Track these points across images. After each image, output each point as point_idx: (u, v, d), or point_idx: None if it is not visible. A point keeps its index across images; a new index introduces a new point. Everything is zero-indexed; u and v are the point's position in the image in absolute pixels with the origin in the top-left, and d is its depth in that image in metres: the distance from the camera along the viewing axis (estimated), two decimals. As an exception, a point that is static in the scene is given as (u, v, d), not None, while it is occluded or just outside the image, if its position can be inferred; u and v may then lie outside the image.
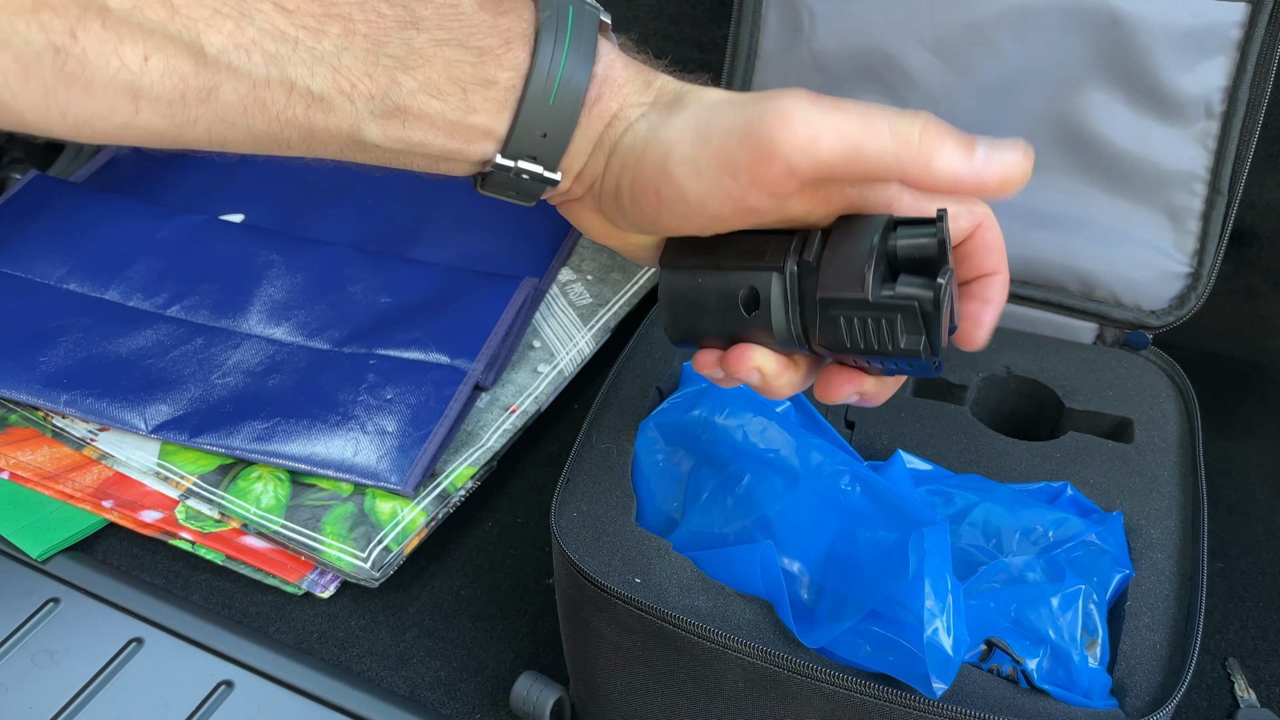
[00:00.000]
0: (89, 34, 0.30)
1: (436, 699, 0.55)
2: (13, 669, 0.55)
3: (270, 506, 0.61)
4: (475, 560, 0.63)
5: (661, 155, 0.36)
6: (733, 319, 0.38)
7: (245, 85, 0.32)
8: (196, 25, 0.31)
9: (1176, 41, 0.55)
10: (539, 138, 0.36)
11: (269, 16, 0.32)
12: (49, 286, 0.73)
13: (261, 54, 0.32)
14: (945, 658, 0.38)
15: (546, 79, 0.35)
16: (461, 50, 0.34)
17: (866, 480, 0.45)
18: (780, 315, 0.37)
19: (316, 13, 0.32)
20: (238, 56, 0.32)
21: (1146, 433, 0.53)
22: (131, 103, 0.32)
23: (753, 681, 0.42)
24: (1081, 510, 0.49)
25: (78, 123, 0.32)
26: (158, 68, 0.31)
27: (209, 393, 0.66)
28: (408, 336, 0.69)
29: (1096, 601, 0.44)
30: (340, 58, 0.33)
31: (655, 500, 0.50)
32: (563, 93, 0.35)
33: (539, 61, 0.35)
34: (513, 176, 0.37)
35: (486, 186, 0.39)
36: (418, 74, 0.34)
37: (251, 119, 0.33)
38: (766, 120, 0.34)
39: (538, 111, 0.35)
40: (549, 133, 0.36)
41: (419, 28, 0.34)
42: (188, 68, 0.31)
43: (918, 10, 0.58)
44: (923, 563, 0.39)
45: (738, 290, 0.37)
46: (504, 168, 0.37)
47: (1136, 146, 0.57)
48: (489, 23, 0.35)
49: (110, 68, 0.31)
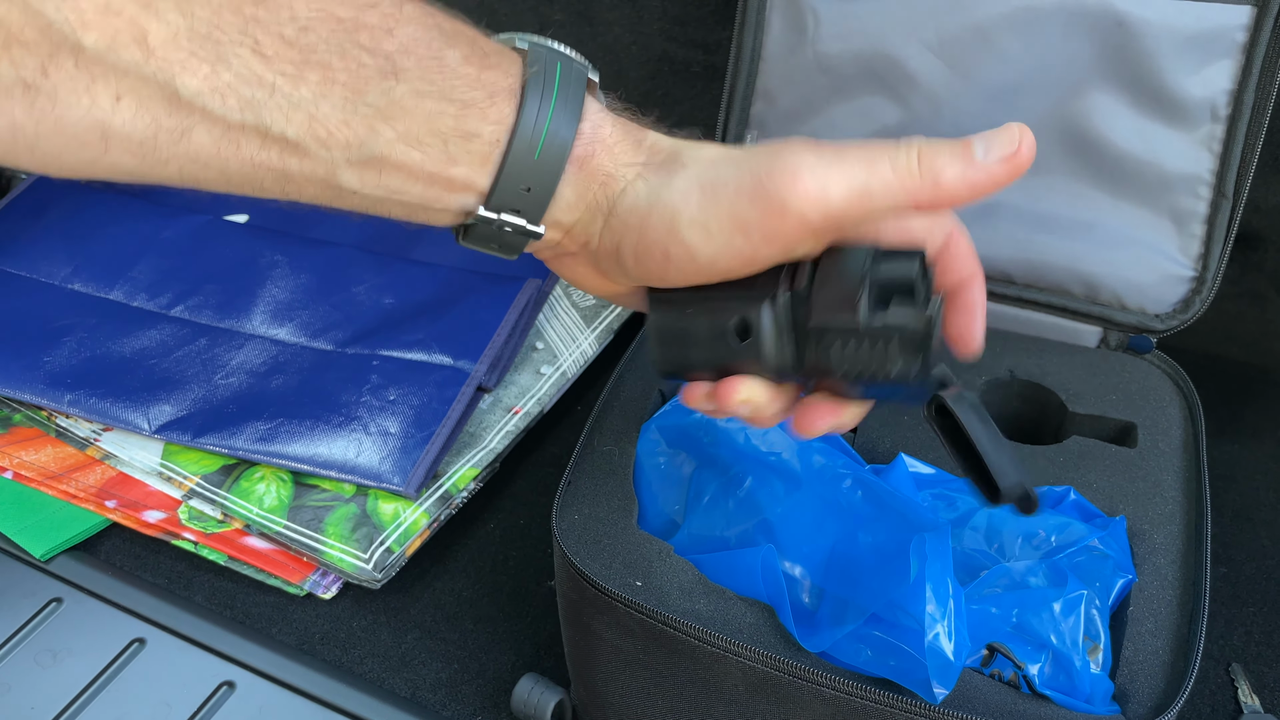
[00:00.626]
0: (61, 72, 0.30)
1: (438, 700, 0.55)
2: (15, 668, 0.55)
3: (273, 507, 0.61)
4: (477, 562, 0.63)
5: (668, 219, 0.35)
6: (724, 350, 0.38)
7: (219, 129, 0.32)
8: (172, 67, 0.30)
9: (1181, 44, 0.55)
10: (523, 192, 0.35)
11: (246, 61, 0.31)
12: (54, 286, 0.73)
13: (237, 98, 0.31)
14: (946, 662, 0.38)
15: (532, 134, 0.35)
16: (444, 102, 0.34)
17: (868, 484, 0.44)
18: (771, 343, 0.37)
19: (295, 59, 0.32)
20: (212, 100, 0.31)
21: (1150, 437, 0.53)
22: (101, 141, 0.31)
23: (753, 685, 0.42)
24: (1084, 515, 0.49)
25: (45, 158, 0.31)
26: (130, 108, 0.31)
27: (212, 393, 0.66)
28: (411, 337, 0.69)
29: (1099, 607, 0.44)
30: (318, 105, 0.32)
31: (657, 503, 0.50)
32: (548, 148, 0.35)
33: (524, 116, 0.35)
34: (495, 229, 0.37)
35: (468, 238, 0.38)
36: (397, 124, 0.33)
37: (225, 162, 0.33)
38: (775, 178, 0.34)
39: (522, 166, 0.35)
40: (533, 187, 0.35)
41: (400, 78, 0.33)
42: (161, 109, 0.31)
43: (922, 13, 0.58)
44: (924, 567, 0.39)
45: (729, 320, 0.37)
46: (486, 220, 0.36)
47: (1141, 149, 0.57)
48: (474, 76, 0.34)
49: (81, 106, 0.30)
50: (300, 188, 0.34)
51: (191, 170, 0.33)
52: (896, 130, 0.61)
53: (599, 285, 0.41)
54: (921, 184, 0.34)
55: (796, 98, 0.64)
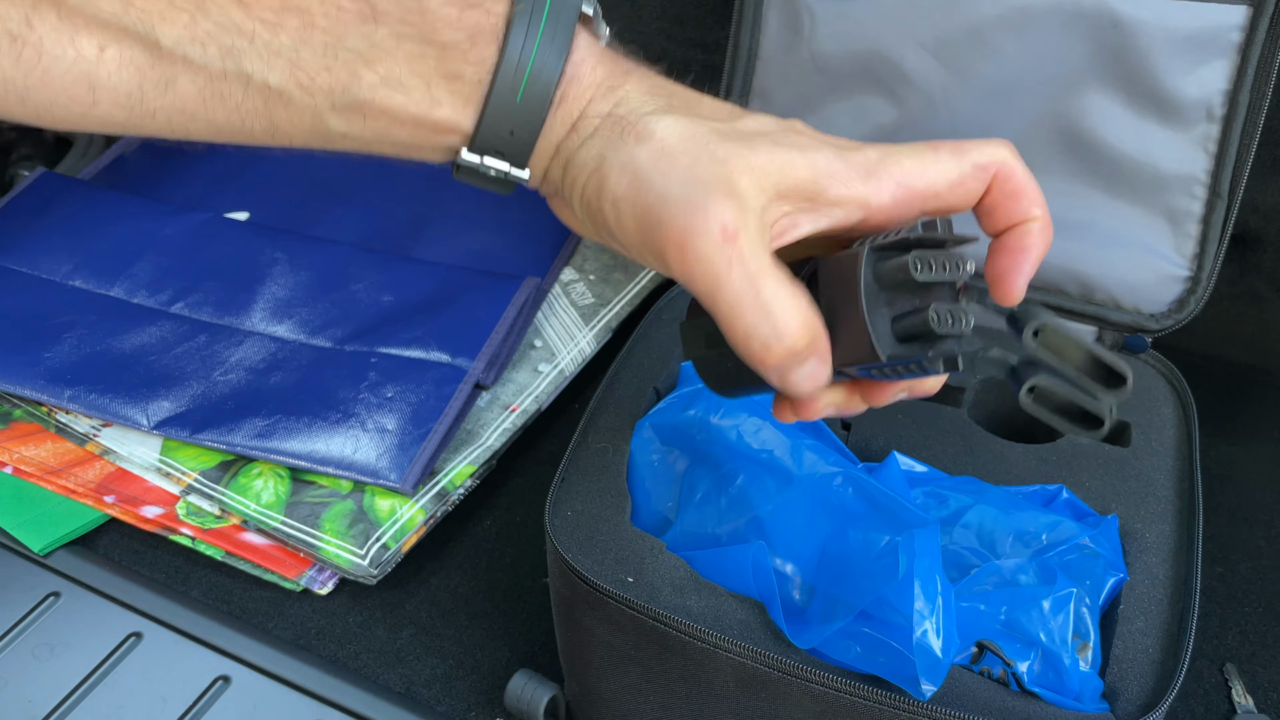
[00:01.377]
0: (44, 23, 0.30)
1: (432, 696, 0.55)
2: (12, 662, 0.56)
3: (270, 503, 0.61)
4: (473, 559, 0.63)
5: (598, 188, 0.35)
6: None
7: (202, 78, 0.32)
8: (150, 18, 0.31)
9: (1177, 44, 0.55)
10: (507, 135, 0.35)
11: (225, 9, 0.32)
12: (54, 283, 0.73)
13: (218, 47, 0.32)
14: (934, 659, 0.38)
15: (514, 76, 0.33)
16: (424, 45, 0.33)
17: (859, 481, 0.45)
18: None
19: (274, 6, 0.32)
20: (193, 49, 0.32)
21: (1144, 436, 0.53)
22: (89, 93, 0.32)
23: (743, 681, 0.42)
24: (1076, 513, 0.49)
25: (37, 110, 0.32)
26: (113, 59, 0.31)
27: (211, 389, 0.66)
28: (409, 335, 0.69)
29: (1089, 605, 0.44)
30: (298, 51, 0.32)
31: (650, 500, 0.50)
32: (530, 90, 0.34)
33: (507, 57, 0.33)
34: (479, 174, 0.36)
35: (461, 174, 0.37)
36: (379, 68, 0.33)
37: (211, 111, 0.33)
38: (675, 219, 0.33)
39: (504, 108, 0.34)
40: (516, 130, 0.34)
41: (379, 22, 0.33)
42: (144, 59, 0.32)
43: (918, 12, 0.58)
44: (913, 564, 0.39)
45: None
46: (470, 164, 0.35)
47: (1136, 150, 0.57)
48: (454, 18, 0.33)
49: (67, 57, 0.31)
50: (289, 135, 0.35)
51: (180, 121, 0.34)
52: (892, 129, 0.61)
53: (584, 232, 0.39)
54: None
55: (792, 96, 0.64)
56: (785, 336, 0.33)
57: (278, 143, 0.35)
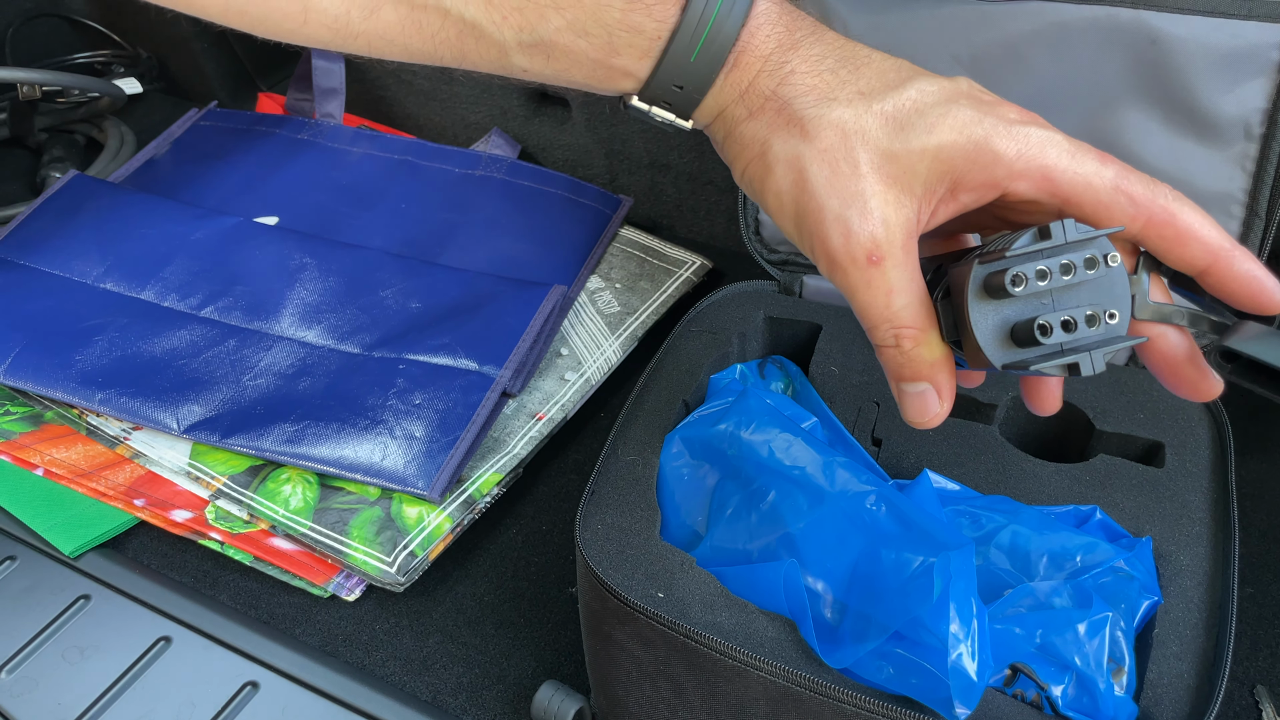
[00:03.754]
0: None
1: (459, 705, 0.55)
2: (43, 664, 0.56)
3: (298, 509, 0.62)
4: (499, 567, 0.63)
5: (762, 175, 0.37)
6: None
7: (405, 7, 0.35)
8: None
9: (1215, 62, 0.54)
10: (675, 89, 0.37)
11: None
12: (86, 285, 0.74)
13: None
14: (969, 682, 0.38)
15: (692, 35, 0.35)
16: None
17: (892, 500, 0.44)
18: None
19: None
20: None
21: (1178, 457, 0.53)
22: (301, 13, 0.36)
23: (774, 700, 0.42)
24: (1110, 535, 0.49)
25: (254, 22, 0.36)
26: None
27: (240, 394, 0.67)
28: (437, 342, 0.70)
29: (1124, 629, 0.43)
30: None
31: (679, 514, 0.50)
32: (705, 51, 0.36)
33: (688, 15, 0.35)
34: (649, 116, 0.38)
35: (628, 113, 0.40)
36: (566, 13, 0.35)
37: (409, 38, 0.36)
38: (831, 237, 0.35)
39: (678, 65, 0.36)
40: (685, 86, 0.37)
41: None
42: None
43: (953, 27, 0.58)
44: (948, 586, 0.39)
45: None
46: (639, 110, 0.38)
47: (1173, 167, 0.57)
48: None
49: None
50: (475, 64, 0.38)
51: (380, 45, 0.37)
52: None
53: None
54: None
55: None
56: (904, 340, 0.36)
57: (463, 66, 0.38)
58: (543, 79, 0.38)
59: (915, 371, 0.36)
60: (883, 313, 0.35)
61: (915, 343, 0.35)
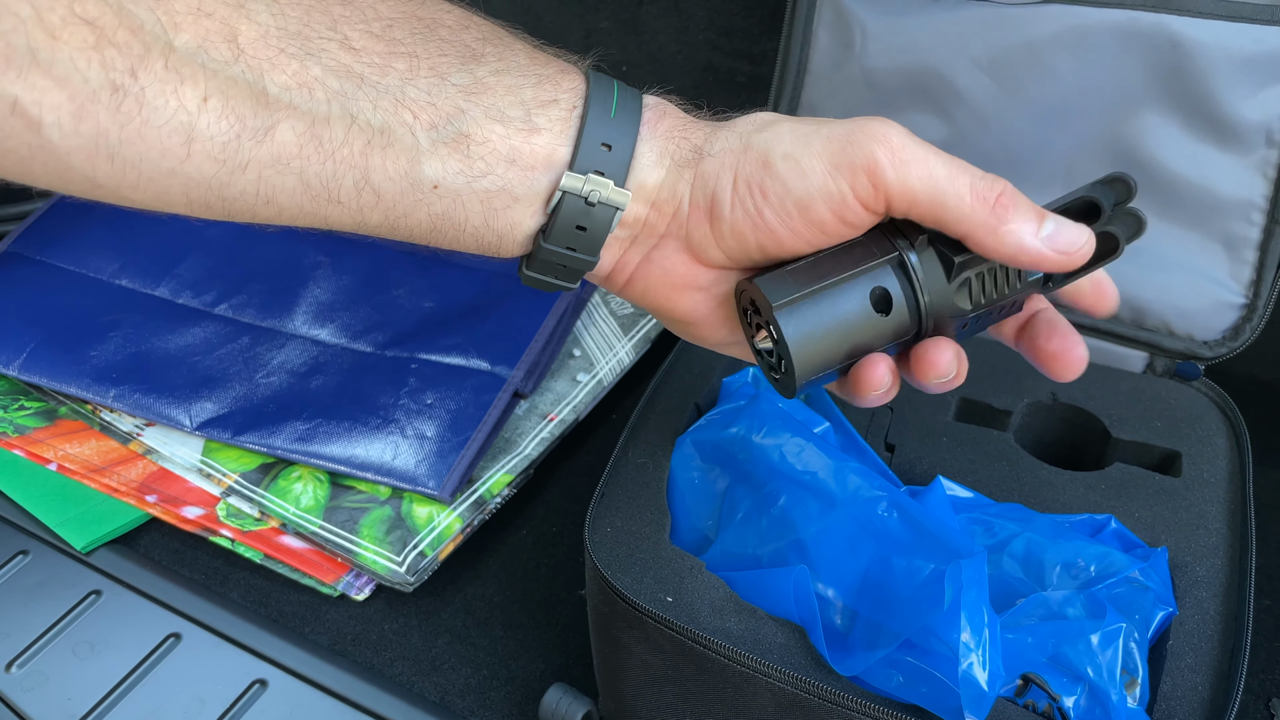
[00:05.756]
0: (150, 74, 0.29)
1: (466, 706, 0.55)
2: (54, 659, 0.56)
3: (309, 507, 0.62)
4: (509, 568, 0.63)
5: (762, 154, 0.36)
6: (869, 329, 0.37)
7: (304, 123, 0.32)
8: (261, 65, 0.31)
9: (1237, 67, 0.54)
10: (604, 150, 0.36)
11: (335, 55, 0.32)
12: (101, 282, 0.74)
13: (324, 90, 0.32)
14: (980, 692, 0.38)
15: (605, 96, 0.36)
16: (521, 77, 0.35)
17: (904, 507, 0.44)
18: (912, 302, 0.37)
19: (382, 51, 0.33)
20: (300, 95, 0.31)
21: (1195, 467, 0.52)
22: (184, 145, 0.31)
23: (783, 706, 0.42)
24: (1125, 544, 0.48)
25: (124, 167, 0.31)
26: (216, 109, 0.31)
27: (253, 391, 0.67)
28: (449, 341, 0.70)
29: (1138, 640, 0.43)
30: (404, 90, 0.33)
31: (690, 518, 0.50)
32: (622, 106, 0.36)
33: (594, 83, 0.36)
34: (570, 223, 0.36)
35: (532, 266, 0.38)
36: (481, 99, 0.34)
37: (306, 160, 0.33)
38: (866, 131, 0.35)
39: (600, 124, 0.36)
40: (613, 145, 0.36)
41: (480, 62, 0.35)
42: (247, 109, 0.31)
43: (972, 29, 0.58)
44: (959, 594, 0.39)
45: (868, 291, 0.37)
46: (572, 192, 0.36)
47: (1193, 173, 0.56)
48: (543, 59, 0.37)
49: (168, 108, 0.30)
50: (377, 189, 0.34)
51: (270, 176, 0.33)
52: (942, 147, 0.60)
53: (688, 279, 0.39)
54: (987, 220, 0.34)
55: (841, 111, 0.63)
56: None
57: (360, 206, 0.35)
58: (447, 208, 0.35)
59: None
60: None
61: None
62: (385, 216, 0.35)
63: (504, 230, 0.37)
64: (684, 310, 0.40)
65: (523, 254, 0.38)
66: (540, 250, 0.37)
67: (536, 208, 0.36)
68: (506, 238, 0.37)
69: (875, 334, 0.37)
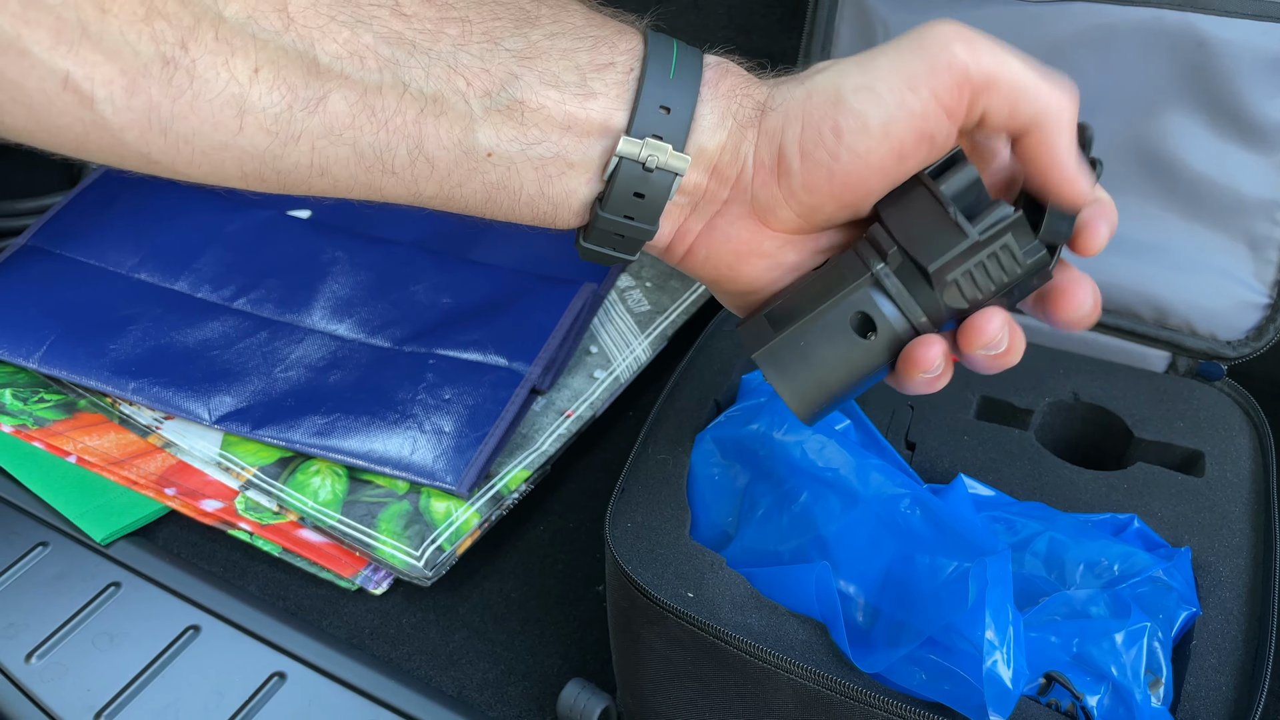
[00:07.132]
0: (200, 45, 0.29)
1: (484, 701, 0.55)
2: (73, 650, 0.56)
3: (327, 501, 0.62)
4: (526, 563, 0.63)
5: (832, 93, 0.35)
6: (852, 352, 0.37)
7: (355, 92, 0.31)
8: (311, 34, 0.30)
9: (1264, 66, 0.53)
10: (662, 113, 0.34)
11: (385, 22, 0.31)
12: (121, 275, 0.75)
13: (375, 59, 0.31)
14: (1004, 690, 0.37)
15: (664, 56, 0.35)
16: (577, 40, 0.34)
17: (927, 504, 0.44)
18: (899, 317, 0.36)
19: (434, 16, 0.32)
20: (351, 64, 0.31)
21: (1218, 466, 0.52)
22: (236, 118, 0.30)
23: (804, 703, 0.41)
24: (1148, 544, 0.48)
25: (178, 141, 0.31)
26: (267, 80, 0.30)
27: (271, 386, 0.67)
28: (467, 337, 0.70)
29: (1161, 640, 0.43)
30: (457, 56, 0.32)
31: (710, 514, 0.50)
32: (681, 67, 0.35)
33: (653, 42, 0.35)
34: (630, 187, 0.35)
35: (589, 237, 0.37)
36: (535, 65, 0.33)
37: (359, 130, 0.32)
38: (934, 34, 0.34)
39: (658, 86, 0.34)
40: (672, 107, 0.34)
41: (534, 25, 0.34)
42: (298, 79, 0.31)
43: (996, 27, 0.57)
44: (984, 592, 0.39)
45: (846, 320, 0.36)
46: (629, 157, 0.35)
47: (1217, 172, 0.56)
48: (599, 20, 0.35)
49: (219, 81, 0.30)
50: (431, 157, 0.34)
51: (323, 147, 0.32)
52: (964, 145, 0.60)
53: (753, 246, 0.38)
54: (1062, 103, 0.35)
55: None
56: None
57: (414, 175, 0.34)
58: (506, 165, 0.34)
59: None
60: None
61: None
62: (440, 186, 0.35)
63: (559, 199, 0.36)
64: (747, 279, 0.39)
65: (580, 224, 0.38)
66: (598, 219, 0.36)
67: (593, 174, 0.35)
68: (562, 206, 0.36)
69: (867, 357, 0.37)
